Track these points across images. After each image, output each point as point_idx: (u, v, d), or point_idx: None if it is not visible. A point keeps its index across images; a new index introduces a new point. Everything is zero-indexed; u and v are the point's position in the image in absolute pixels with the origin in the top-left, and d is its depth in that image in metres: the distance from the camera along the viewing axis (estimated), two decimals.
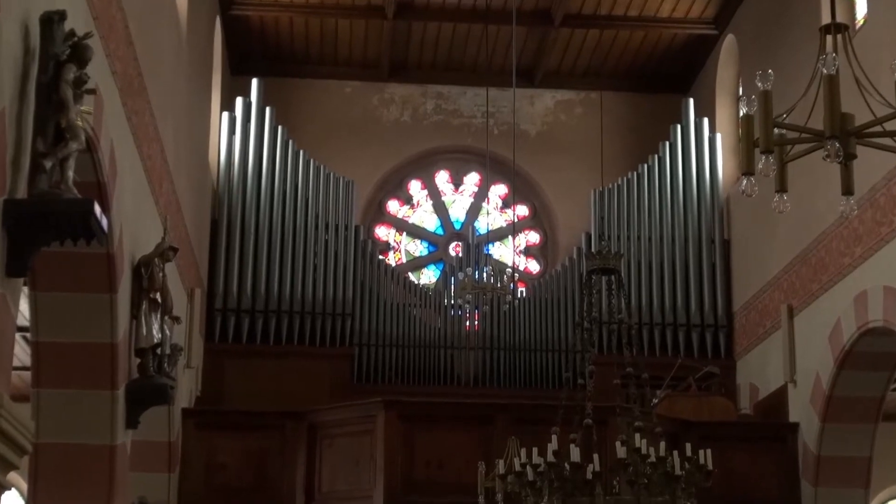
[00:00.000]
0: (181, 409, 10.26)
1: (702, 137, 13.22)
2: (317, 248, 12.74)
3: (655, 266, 12.94)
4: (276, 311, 12.39)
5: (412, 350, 12.55)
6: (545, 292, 12.96)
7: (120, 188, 6.90)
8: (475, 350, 12.59)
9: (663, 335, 12.73)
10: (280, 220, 12.69)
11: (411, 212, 14.34)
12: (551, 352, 12.64)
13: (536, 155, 13.92)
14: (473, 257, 12.94)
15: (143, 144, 7.82)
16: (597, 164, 12.64)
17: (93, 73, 5.28)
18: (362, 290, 12.71)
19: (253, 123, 12.86)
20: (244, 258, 12.47)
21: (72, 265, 6.54)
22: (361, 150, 13.78)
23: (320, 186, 12.91)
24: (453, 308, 12.78)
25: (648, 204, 13.12)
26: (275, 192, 12.74)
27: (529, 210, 14.35)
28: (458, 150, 14.27)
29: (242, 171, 12.71)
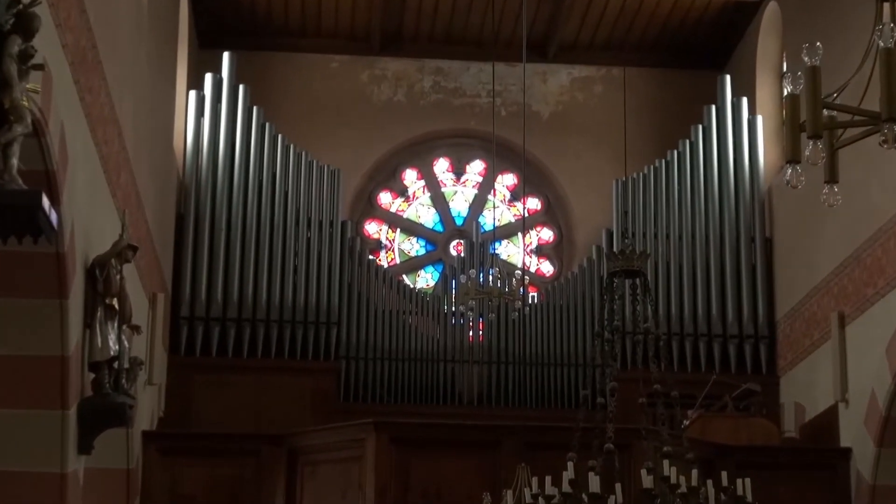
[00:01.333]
0: (141, 431, 10.26)
1: (740, 120, 13.23)
2: (298, 247, 12.75)
3: (687, 268, 12.95)
4: (250, 320, 12.40)
5: (407, 364, 12.57)
6: (560, 298, 12.98)
7: (71, 178, 6.90)
8: (479, 364, 12.61)
9: (696, 347, 12.75)
10: (255, 216, 12.70)
11: (406, 205, 14.35)
12: (567, 366, 12.66)
13: (550, 140, 13.93)
14: (477, 258, 12.96)
15: (99, 128, 7.82)
16: (619, 150, 12.63)
17: (40, 46, 5.28)
18: (350, 296, 12.72)
19: (224, 104, 12.86)
20: (214, 259, 12.48)
21: (16, 267, 6.54)
22: (349, 134, 13.79)
23: (302, 176, 12.92)
24: (454, 316, 12.80)
25: (679, 196, 13.14)
26: (249, 183, 12.75)
27: (542, 203, 14.35)
28: (459, 134, 14.28)
29: (212, 158, 12.72)
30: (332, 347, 12.49)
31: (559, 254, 14.25)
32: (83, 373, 7.37)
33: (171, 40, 12.01)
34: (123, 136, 8.83)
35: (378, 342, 12.61)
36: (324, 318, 12.54)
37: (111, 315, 7.56)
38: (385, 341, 12.63)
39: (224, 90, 12.89)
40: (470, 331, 12.78)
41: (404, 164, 14.32)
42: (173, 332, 12.21)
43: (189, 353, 12.22)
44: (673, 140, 13.48)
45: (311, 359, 12.42)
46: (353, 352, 12.54)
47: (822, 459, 10.80)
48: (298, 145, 13.03)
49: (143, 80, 9.88)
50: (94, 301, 7.45)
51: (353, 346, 12.56)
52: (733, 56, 13.90)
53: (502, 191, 14.42)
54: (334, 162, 13.17)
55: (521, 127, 11.87)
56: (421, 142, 14.22)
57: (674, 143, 13.42)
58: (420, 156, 14.34)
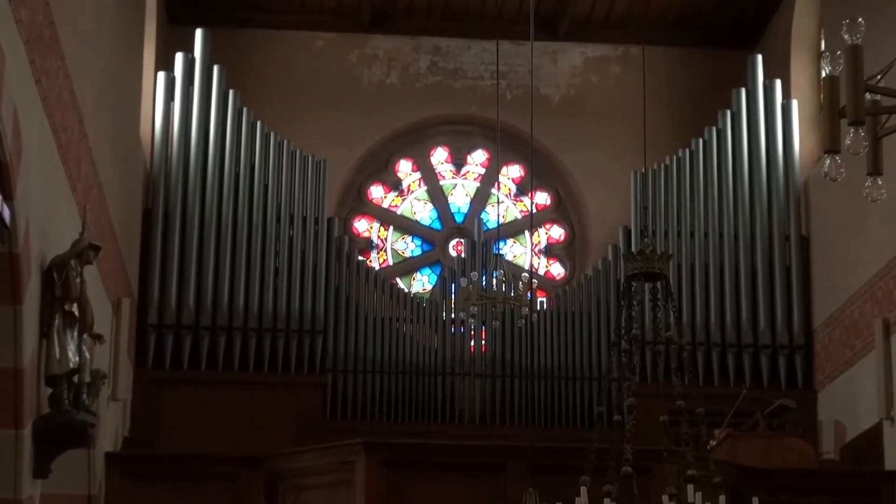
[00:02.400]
0: (104, 453, 10.27)
1: (773, 105, 13.25)
2: (279, 246, 12.76)
3: (713, 270, 12.96)
4: (226, 329, 12.40)
5: (401, 378, 12.58)
6: (572, 303, 12.99)
7: (26, 170, 6.90)
8: (482, 378, 12.62)
9: (723, 359, 12.76)
10: (231, 211, 12.71)
11: (400, 200, 14.36)
12: (580, 380, 12.68)
13: (561, 127, 13.94)
14: (480, 258, 12.97)
15: (57, 114, 7.82)
16: (638, 138, 12.60)
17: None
18: (337, 301, 12.73)
19: (197, 86, 12.87)
20: (186, 260, 12.49)
21: None
22: (336, 121, 13.79)
23: (283, 168, 12.93)
24: (454, 324, 12.82)
25: (704, 190, 13.15)
26: (225, 175, 12.76)
27: (552, 198, 14.36)
28: (460, 120, 14.28)
29: (183, 147, 12.73)
30: (317, 359, 12.50)
31: (571, 254, 14.26)
32: (39, 387, 7.36)
33: (138, 16, 12.01)
34: (84, 122, 8.83)
35: (369, 353, 12.62)
36: (308, 327, 12.54)
37: (70, 323, 7.56)
38: (377, 352, 12.64)
39: (196, 71, 12.89)
40: (471, 340, 12.79)
41: (398, 154, 14.32)
42: (140, 342, 12.21)
43: (157, 365, 12.23)
44: (698, 127, 13.49)
45: (294, 372, 12.43)
46: (340, 364, 12.54)
47: (865, 484, 10.80)
48: (280, 133, 13.04)
49: (107, 61, 9.88)
50: (52, 307, 7.45)
51: (341, 357, 12.56)
52: (765, 33, 13.91)
53: (507, 184, 14.43)
54: (320, 152, 13.18)
55: (529, 112, 11.86)
56: (416, 129, 14.23)
57: (699, 130, 13.43)
58: (416, 145, 14.34)
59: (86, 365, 7.73)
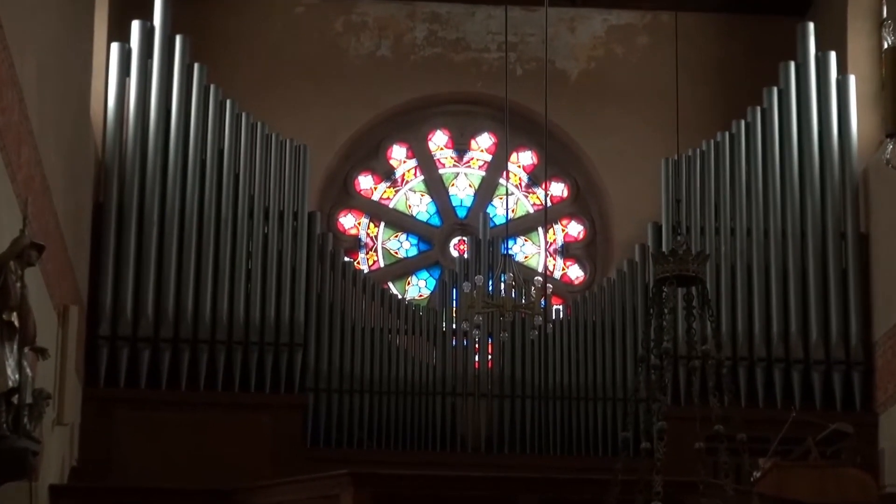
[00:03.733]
0: (49, 485, 10.26)
1: (826, 81, 13.24)
2: (252, 246, 12.75)
3: (758, 273, 12.95)
4: (190, 341, 12.40)
5: (393, 398, 12.58)
6: (592, 312, 12.99)
7: None
8: (488, 398, 12.61)
9: (769, 376, 12.76)
10: (197, 205, 12.69)
11: (392, 192, 14.35)
12: (602, 401, 12.67)
13: (580, 107, 13.93)
14: (485, 260, 12.95)
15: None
16: (670, 120, 12.56)
17: None
18: (319, 309, 12.72)
19: (156, 60, 12.86)
20: (143, 261, 12.48)
21: None
22: (319, 99, 13.78)
23: (257, 154, 12.92)
24: (455, 336, 12.81)
25: (747, 181, 13.15)
26: (189, 164, 12.75)
27: (569, 189, 14.34)
28: (462, 99, 14.26)
29: (141, 130, 12.72)
30: (296, 376, 12.49)
31: (591, 255, 14.24)
32: None
33: None
34: (25, 102, 8.81)
35: (356, 369, 12.60)
36: (286, 339, 12.53)
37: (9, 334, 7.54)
38: (365, 368, 12.63)
39: (156, 42, 12.88)
40: (476, 355, 12.78)
41: (390, 138, 14.31)
42: (90, 357, 12.20)
43: (110, 383, 12.22)
44: (739, 107, 13.47)
45: (270, 391, 12.42)
46: (323, 382, 12.53)
47: None
48: (253, 114, 13.02)
49: (52, 31, 9.86)
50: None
51: (324, 374, 12.55)
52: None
53: (518, 173, 14.42)
54: (300, 136, 13.17)
55: (543, 90, 11.85)
56: (412, 110, 14.21)
57: (740, 110, 13.42)
58: (411, 128, 14.32)
59: (27, 383, 7.71)
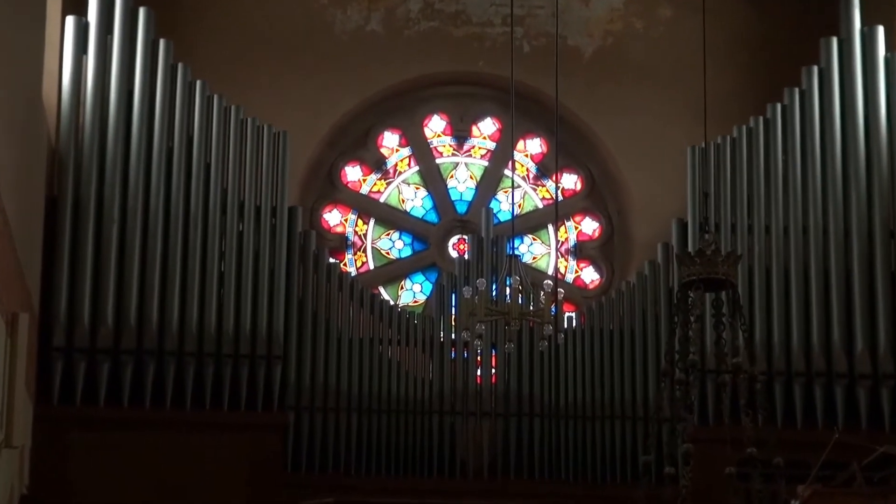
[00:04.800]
0: None
1: (873, 59, 13.21)
2: (225, 245, 12.72)
3: (796, 276, 12.94)
4: (155, 353, 12.38)
5: (384, 417, 12.58)
6: (609, 320, 12.98)
7: None
8: (491, 417, 12.60)
9: (809, 392, 12.74)
10: (163, 200, 12.66)
11: (384, 184, 14.34)
12: (619, 420, 12.67)
13: (595, 88, 13.93)
14: (488, 261, 12.95)
15: None
16: (697, 103, 12.54)
17: None
18: (301, 317, 12.71)
19: (117, 35, 12.84)
20: (102, 263, 12.45)
21: None
22: (300, 80, 13.78)
23: (231, 142, 12.89)
24: (454, 347, 12.81)
25: (784, 172, 13.13)
26: (154, 152, 12.72)
27: (582, 181, 14.34)
28: (462, 79, 14.27)
29: (99, 115, 12.68)
30: (274, 392, 12.47)
31: (608, 255, 14.24)
32: None
33: None
34: None
35: (342, 385, 12.59)
36: (263, 350, 12.51)
37: None
38: (353, 384, 12.62)
39: (116, 15, 12.83)
40: (477, 368, 12.77)
41: (381, 124, 14.30)
42: (42, 372, 12.18)
43: (65, 400, 12.19)
44: (775, 89, 13.46)
45: (246, 409, 12.40)
46: (305, 399, 12.52)
47: None
48: (226, 96, 13.00)
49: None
50: None
51: (306, 390, 12.55)
52: None
53: (525, 163, 14.42)
54: (279, 121, 13.14)
55: (553, 69, 11.82)
56: (406, 91, 14.20)
57: (777, 93, 13.40)
58: (405, 112, 14.31)
59: None
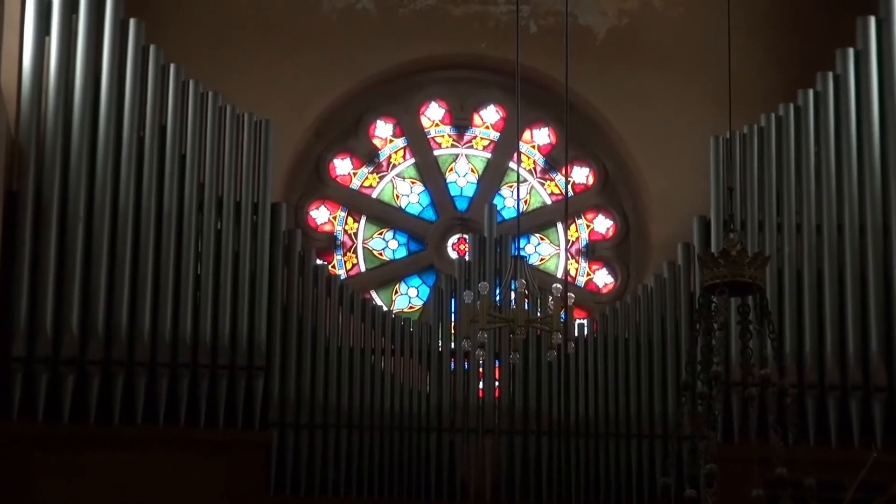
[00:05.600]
0: None
1: None
2: (201, 245, 12.71)
3: (830, 280, 12.94)
4: (124, 364, 12.36)
5: (377, 435, 12.59)
6: (624, 328, 12.98)
7: None
8: (494, 435, 12.61)
9: (844, 408, 12.74)
10: (133, 195, 12.65)
11: (376, 179, 14.34)
12: (635, 438, 12.68)
13: (608, 73, 13.94)
14: (491, 263, 12.95)
15: None
16: (721, 89, 12.53)
17: None
18: (286, 324, 12.70)
19: (83, 16, 12.82)
20: (66, 265, 12.44)
21: None
22: (284, 64, 13.80)
23: (208, 131, 12.88)
24: (454, 357, 12.81)
25: (816, 165, 13.14)
26: (123, 143, 12.71)
27: (595, 175, 14.35)
28: (463, 63, 14.30)
29: (63, 103, 12.67)
30: (256, 408, 12.46)
31: (623, 256, 14.25)
32: None
33: None
34: None
35: (331, 400, 12.59)
36: (243, 361, 12.50)
37: None
38: (342, 398, 12.62)
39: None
40: (479, 381, 12.76)
41: (373, 112, 14.31)
42: (1, 385, 12.17)
43: (25, 415, 12.18)
44: (807, 74, 13.47)
45: (225, 426, 12.40)
46: (290, 415, 12.52)
47: None
48: (203, 82, 12.99)
49: None
50: None
51: (291, 405, 12.54)
52: None
53: (532, 155, 14.41)
54: (261, 109, 13.14)
55: (563, 52, 11.81)
56: (400, 76, 14.23)
57: (809, 78, 13.42)
58: (399, 99, 14.32)
59: None
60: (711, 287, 7.78)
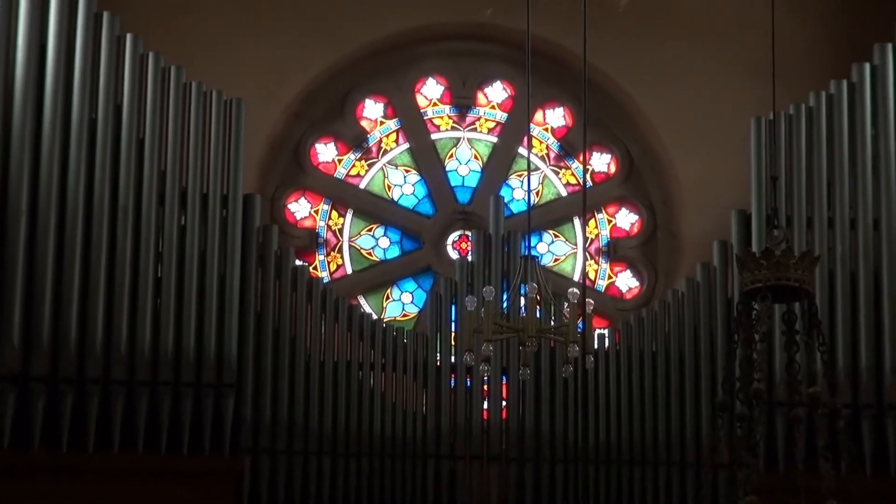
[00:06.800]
0: None
1: None
2: (162, 243, 12.72)
3: (889, 283, 12.98)
4: (74, 381, 12.36)
5: (367, 462, 12.64)
6: (651, 339, 13.04)
7: None
8: (500, 462, 12.67)
9: None
10: (84, 185, 12.65)
11: (364, 167, 14.37)
12: (664, 466, 12.75)
13: (633, 45, 14.03)
14: (498, 264, 12.99)
15: None
16: (763, 63, 12.56)
17: None
18: (259, 335, 12.75)
19: None
20: (6, 267, 12.43)
21: None
22: (259, 35, 13.87)
23: (170, 112, 12.89)
24: (454, 372, 12.87)
25: (873, 150, 13.19)
26: (72, 125, 12.69)
27: (616, 162, 14.41)
28: (465, 33, 14.38)
29: (3, 79, 12.65)
30: (226, 431, 12.49)
31: (650, 256, 14.32)
32: None
33: None
34: None
35: (313, 422, 12.64)
36: (211, 378, 12.52)
37: None
38: (326, 420, 12.66)
39: None
40: (484, 401, 12.82)
41: (362, 89, 14.39)
42: None
43: None
44: (862, 46, 13.55)
45: (190, 453, 12.42)
46: (265, 440, 12.57)
47: None
48: (165, 55, 13.00)
49: None
50: None
51: (266, 428, 12.59)
52: None
53: (545, 139, 14.46)
54: (231, 87, 13.17)
55: (580, 20, 11.81)
56: (393, 48, 14.32)
57: (864, 50, 13.48)
58: (391, 75, 14.41)
59: None
60: (752, 292, 7.80)
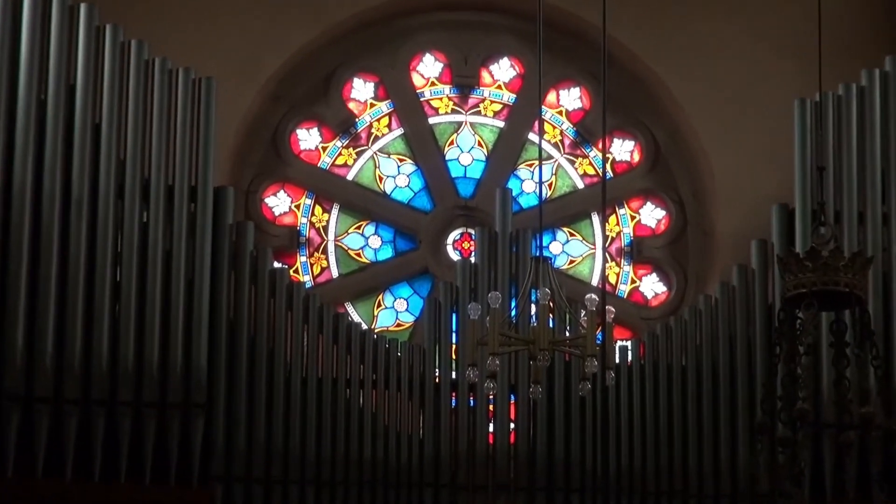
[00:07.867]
0: None
1: None
2: (122, 242, 12.75)
3: None
4: (21, 400, 12.37)
5: (355, 492, 12.68)
6: (680, 352, 13.07)
7: None
8: (509, 492, 12.69)
9: None
10: (32, 176, 12.66)
11: (352, 156, 14.40)
12: (695, 498, 12.77)
13: (657, 17, 14.10)
14: (505, 266, 13.01)
15: None
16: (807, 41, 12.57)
17: None
18: (233, 347, 12.77)
19: None
20: None
21: None
22: (232, 9, 13.97)
23: (130, 93, 12.91)
24: (456, 391, 12.91)
25: None
26: (18, 107, 12.73)
27: (641, 151, 14.44)
28: (466, 3, 14.45)
29: None
30: (194, 458, 12.51)
31: (679, 258, 14.35)
32: None
33: None
34: None
35: (293, 446, 12.65)
36: (178, 397, 12.54)
37: None
38: (309, 445, 12.69)
39: None
40: (489, 422, 12.85)
41: (349, 67, 14.48)
42: None
43: None
44: None
45: (153, 482, 12.44)
46: (239, 467, 12.61)
47: None
48: (125, 29, 13.02)
49: None
50: None
51: (241, 454, 12.62)
52: None
53: (559, 124, 14.50)
54: (201, 64, 13.20)
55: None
56: (385, 20, 14.40)
57: None
58: (383, 50, 14.49)
59: None
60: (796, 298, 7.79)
